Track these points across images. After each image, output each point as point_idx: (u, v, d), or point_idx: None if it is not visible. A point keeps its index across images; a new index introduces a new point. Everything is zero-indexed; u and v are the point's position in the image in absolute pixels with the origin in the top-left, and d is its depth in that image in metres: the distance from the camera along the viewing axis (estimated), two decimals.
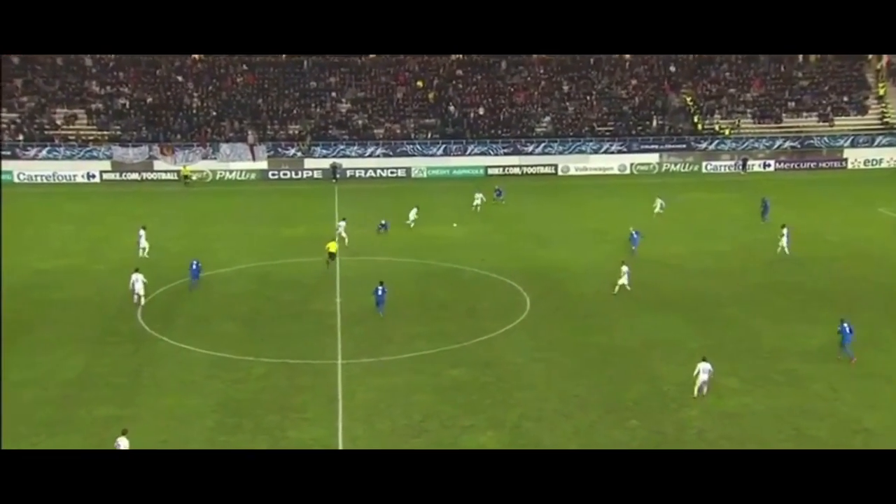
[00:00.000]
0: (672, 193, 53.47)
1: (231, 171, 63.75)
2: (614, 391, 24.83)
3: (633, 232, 40.89)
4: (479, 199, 50.21)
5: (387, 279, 32.38)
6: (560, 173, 64.96)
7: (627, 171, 65.46)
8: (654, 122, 68.61)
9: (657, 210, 47.82)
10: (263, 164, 64.20)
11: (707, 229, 45.66)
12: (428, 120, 68.31)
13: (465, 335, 29.48)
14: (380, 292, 31.12)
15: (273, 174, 64.02)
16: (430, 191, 58.35)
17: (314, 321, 30.99)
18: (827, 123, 68.21)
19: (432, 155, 65.56)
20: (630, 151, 66.22)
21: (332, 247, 37.46)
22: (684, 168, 65.67)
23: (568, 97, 71.06)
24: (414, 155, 65.33)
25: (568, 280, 36.26)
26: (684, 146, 66.77)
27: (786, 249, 39.05)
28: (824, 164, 65.35)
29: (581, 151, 66.01)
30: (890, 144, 65.75)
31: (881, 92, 69.81)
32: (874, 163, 64.76)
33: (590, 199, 54.80)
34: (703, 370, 24.22)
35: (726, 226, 46.29)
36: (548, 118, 69.00)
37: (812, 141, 66.47)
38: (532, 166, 65.22)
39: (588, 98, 70.87)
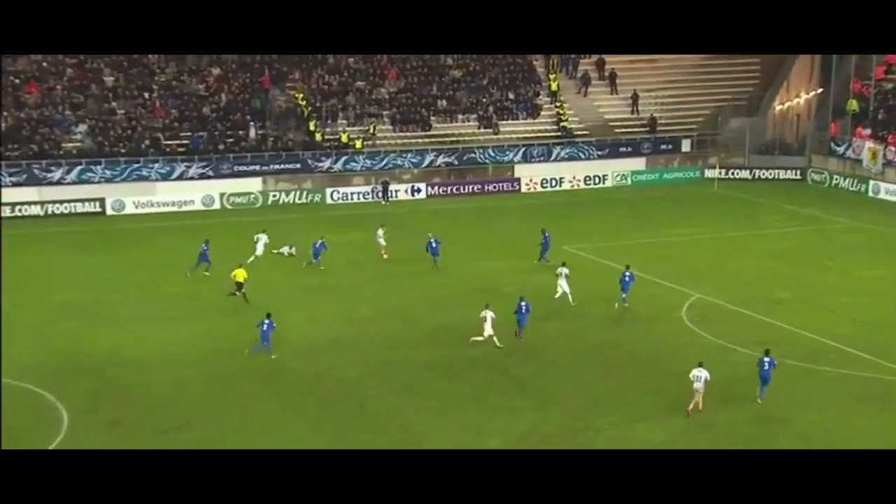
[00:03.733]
0: (303, 235, 55.07)
1: None
2: None
3: (319, 242, 50.11)
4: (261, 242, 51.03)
5: None
6: (111, 211, 64.23)
7: (216, 206, 66.27)
8: (253, 132, 70.37)
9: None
10: None
11: (340, 285, 47.63)
12: None
13: None
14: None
15: None
16: None
17: None
18: (490, 130, 75.70)
19: None
20: (218, 176, 67.28)
21: (240, 275, 43.91)
22: (301, 198, 68.01)
23: (114, 93, 70.37)
24: None
25: (133, 375, 36.01)
26: (298, 166, 69.35)
27: (568, 296, 43.68)
28: (492, 187, 72.17)
29: (142, 177, 65.86)
30: (571, 157, 74.74)
31: (554, 87, 79.37)
32: (554, 183, 73.09)
33: (162, 251, 54.66)
34: (697, 377, 32.21)
35: (364, 277, 48.84)
36: (84, 126, 67.71)
37: (473, 155, 73.11)
38: (63, 202, 63.58)
39: (147, 95, 70.82)
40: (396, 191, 69.90)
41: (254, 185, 67.93)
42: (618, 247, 54.11)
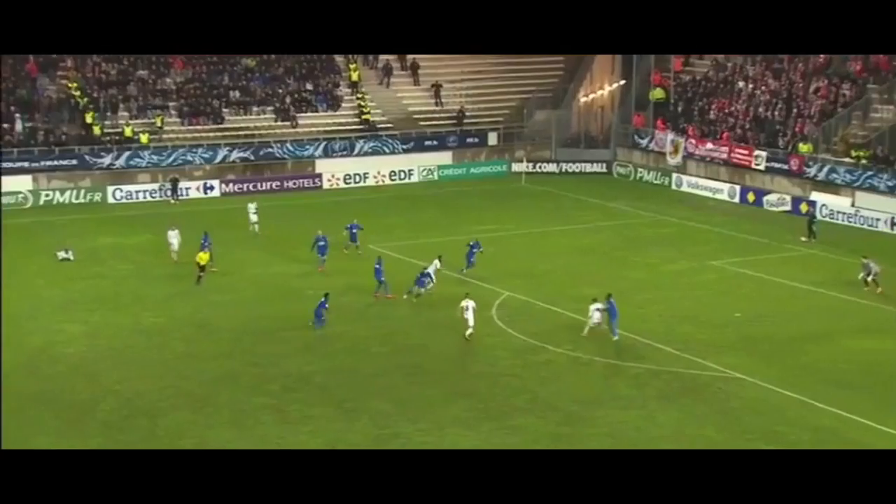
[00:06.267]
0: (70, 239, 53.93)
1: None
2: None
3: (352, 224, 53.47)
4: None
5: None
6: None
7: None
8: (19, 125, 68.56)
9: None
10: None
11: (125, 293, 47.24)
12: None
13: None
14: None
15: None
16: None
17: None
18: (288, 123, 75.63)
19: None
20: None
21: (203, 258, 47.98)
22: (78, 197, 66.55)
23: None
24: None
25: None
26: (75, 162, 67.90)
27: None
28: (292, 184, 72.13)
29: None
30: (374, 152, 75.32)
31: (354, 77, 79.89)
32: (357, 179, 73.62)
33: None
34: (468, 307, 39.62)
35: (152, 283, 48.49)
36: None
37: (270, 149, 72.93)
38: None
39: None
40: (187, 188, 69.07)
41: (23, 183, 65.99)
42: (425, 244, 54.95)
